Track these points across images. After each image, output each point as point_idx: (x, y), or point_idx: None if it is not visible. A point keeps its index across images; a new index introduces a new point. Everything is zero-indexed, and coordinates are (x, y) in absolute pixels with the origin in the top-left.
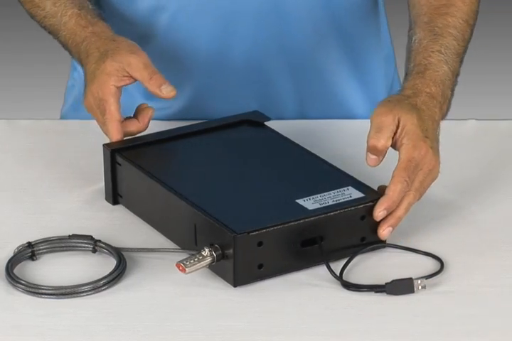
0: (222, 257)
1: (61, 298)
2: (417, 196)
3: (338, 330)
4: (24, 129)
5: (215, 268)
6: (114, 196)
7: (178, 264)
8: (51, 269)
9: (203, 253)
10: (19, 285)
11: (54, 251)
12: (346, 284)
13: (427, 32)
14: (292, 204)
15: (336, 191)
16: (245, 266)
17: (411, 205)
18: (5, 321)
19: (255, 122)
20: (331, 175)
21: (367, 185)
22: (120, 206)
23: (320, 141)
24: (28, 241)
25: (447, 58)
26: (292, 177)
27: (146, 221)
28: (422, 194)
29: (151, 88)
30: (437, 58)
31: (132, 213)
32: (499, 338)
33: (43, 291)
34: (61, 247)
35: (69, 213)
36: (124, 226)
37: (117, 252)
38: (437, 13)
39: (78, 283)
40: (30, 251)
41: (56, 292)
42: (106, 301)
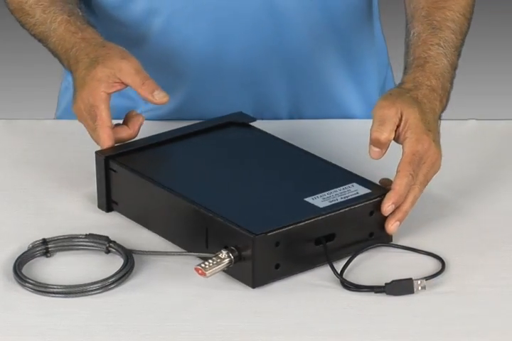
0: (239, 259)
1: (69, 297)
2: (422, 189)
3: (338, 330)
4: (24, 129)
5: (231, 270)
6: (108, 203)
7: (197, 268)
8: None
9: (220, 255)
10: (27, 284)
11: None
12: (346, 284)
13: (426, 26)
14: (302, 203)
15: (342, 188)
16: (263, 267)
17: (417, 199)
18: (5, 321)
19: (241, 123)
20: (332, 173)
21: (371, 181)
22: None
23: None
24: (43, 237)
25: (446, 51)
26: (293, 176)
27: (146, 226)
28: (425, 186)
29: (144, 94)
30: (437, 51)
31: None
32: (499, 338)
33: (51, 290)
34: (75, 246)
35: (69, 213)
36: (124, 226)
37: (127, 253)
38: (435, 7)
39: (86, 282)
40: (44, 248)
41: (65, 290)
42: (106, 301)
